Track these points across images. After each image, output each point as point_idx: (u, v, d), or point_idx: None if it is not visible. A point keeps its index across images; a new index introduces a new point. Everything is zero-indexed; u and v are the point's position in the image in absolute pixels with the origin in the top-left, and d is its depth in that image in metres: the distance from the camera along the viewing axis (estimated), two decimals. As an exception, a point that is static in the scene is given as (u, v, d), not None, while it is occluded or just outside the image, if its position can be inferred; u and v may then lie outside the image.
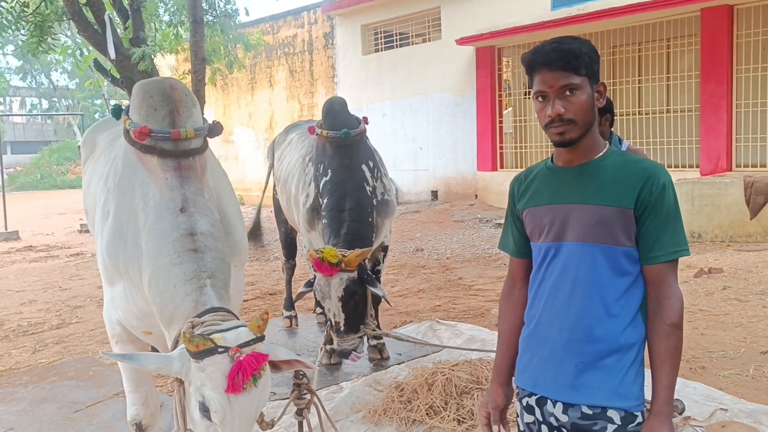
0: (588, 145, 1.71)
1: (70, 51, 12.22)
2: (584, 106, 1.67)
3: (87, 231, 14.32)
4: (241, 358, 2.04)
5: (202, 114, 2.97)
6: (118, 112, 2.88)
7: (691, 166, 10.57)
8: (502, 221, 6.56)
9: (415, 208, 13.67)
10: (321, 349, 4.65)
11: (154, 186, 2.60)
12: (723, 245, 8.33)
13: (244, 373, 2.02)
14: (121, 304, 2.75)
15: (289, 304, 5.89)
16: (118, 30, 9.50)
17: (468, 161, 13.64)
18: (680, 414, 3.57)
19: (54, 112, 42.75)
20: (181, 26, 11.88)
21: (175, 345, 2.28)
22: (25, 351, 5.57)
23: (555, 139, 1.69)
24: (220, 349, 2.04)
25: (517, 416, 1.86)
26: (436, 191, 14.41)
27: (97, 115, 44.35)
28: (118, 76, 10.45)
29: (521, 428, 1.84)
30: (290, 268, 5.95)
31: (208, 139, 2.86)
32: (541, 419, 1.76)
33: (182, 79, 14.49)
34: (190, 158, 2.67)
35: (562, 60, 1.66)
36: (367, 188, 4.38)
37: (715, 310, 5.58)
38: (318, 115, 4.68)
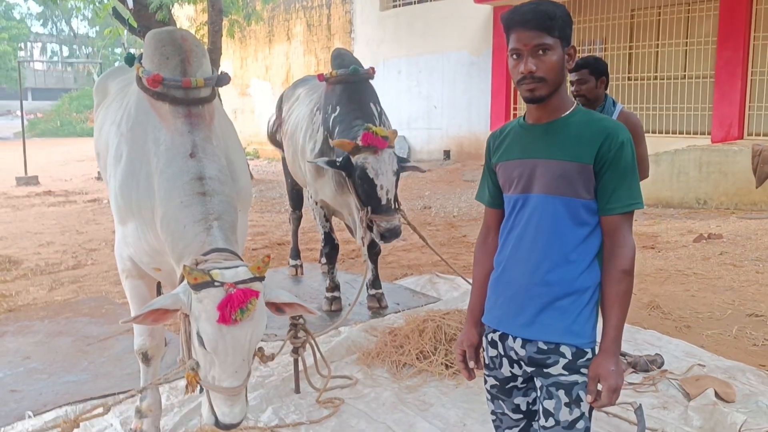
0: (556, 103, 1.84)
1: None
2: (555, 66, 1.79)
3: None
4: (233, 293, 2.21)
5: (219, 65, 3.11)
6: (131, 59, 3.03)
7: (702, 133, 10.55)
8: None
9: (427, 166, 13.76)
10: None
11: (166, 131, 2.76)
12: (728, 212, 8.41)
13: (232, 305, 2.18)
14: (132, 242, 2.94)
15: (295, 254, 6.10)
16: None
17: (482, 121, 13.66)
18: (659, 368, 3.75)
19: (74, 60, 42.85)
20: (199, -24, 11.90)
21: (181, 280, 2.48)
22: (42, 288, 5.84)
23: (525, 95, 1.82)
24: (216, 283, 2.21)
25: (483, 350, 2.04)
26: (449, 150, 14.48)
27: (117, 64, 44.40)
28: (136, 25, 10.56)
29: (486, 361, 2.02)
30: (296, 219, 6.13)
31: (217, 88, 3.01)
32: (502, 353, 1.94)
33: (199, 30, 14.55)
34: (199, 106, 2.82)
35: (538, 20, 1.77)
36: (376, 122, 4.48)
37: (709, 273, 5.71)
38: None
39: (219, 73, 3.02)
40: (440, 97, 14.44)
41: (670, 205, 8.80)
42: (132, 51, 3.19)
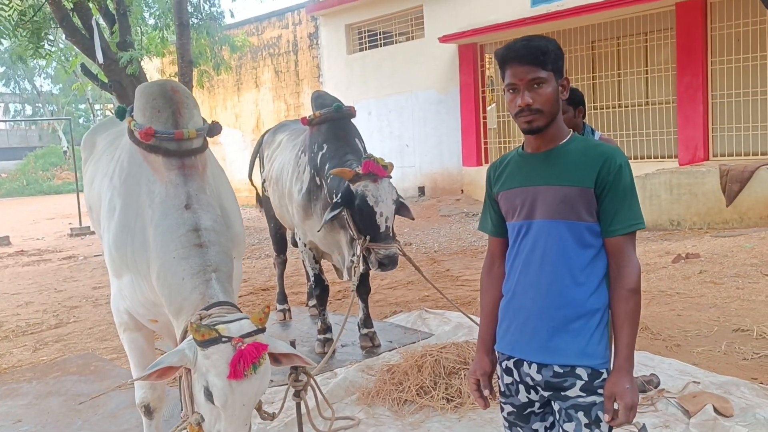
0: (553, 132, 1.92)
1: (55, 56, 12.31)
2: (550, 98, 1.87)
3: (77, 235, 14.42)
4: (243, 348, 2.23)
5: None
6: (122, 113, 3.06)
7: (669, 157, 10.84)
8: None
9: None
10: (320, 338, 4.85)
11: (160, 184, 2.78)
12: (701, 232, 8.60)
13: (245, 360, 2.19)
14: (128, 294, 2.93)
15: (282, 298, 6.08)
16: (105, 35, 9.63)
17: (453, 157, 13.86)
18: (656, 387, 3.80)
19: (39, 117, 42.54)
20: (167, 29, 11.99)
21: (184, 335, 2.47)
22: (26, 350, 5.72)
23: (524, 127, 1.89)
24: (224, 339, 2.22)
25: (498, 378, 2.06)
26: (423, 187, 14.63)
27: (81, 120, 44.20)
28: (106, 80, 10.57)
29: (501, 389, 2.04)
30: (281, 263, 6.13)
31: (207, 138, 3.04)
32: (518, 379, 1.97)
33: (169, 81, 14.60)
34: (192, 157, 2.85)
35: (531, 56, 1.86)
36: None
37: (692, 292, 5.82)
38: (305, 114, 4.88)
39: (210, 123, 3.06)
40: (411, 136, 14.65)
41: (645, 228, 8.96)
42: (121, 105, 3.23)
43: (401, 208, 4.37)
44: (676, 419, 3.41)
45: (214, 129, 3.07)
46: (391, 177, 4.23)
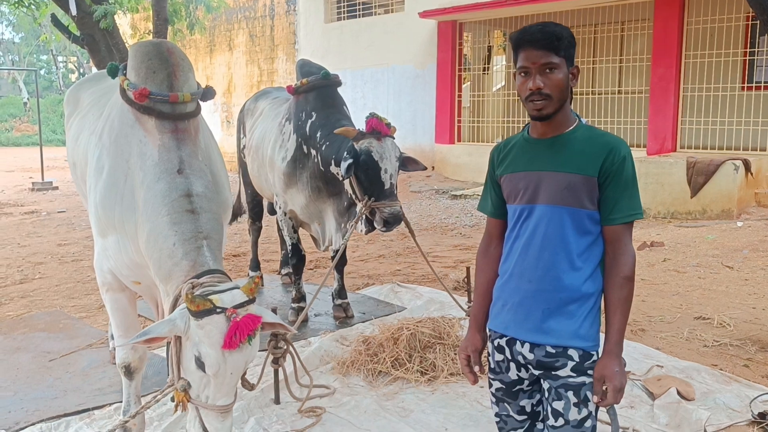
0: (560, 119, 1.96)
1: (25, 3, 11.91)
2: (560, 84, 1.91)
3: (39, 190, 14.09)
4: (238, 319, 2.24)
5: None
6: (114, 70, 3.00)
7: (639, 146, 11.04)
8: (458, 193, 6.97)
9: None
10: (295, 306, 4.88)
11: (152, 146, 2.75)
12: (665, 221, 8.83)
13: (241, 332, 2.22)
14: (113, 255, 2.91)
15: (255, 265, 6.08)
16: (80, -14, 9.34)
17: (426, 133, 13.87)
18: (621, 370, 3.93)
19: (5, 67, 41.11)
20: (143, -16, 11.70)
21: (175, 303, 2.48)
22: (-10, 304, 5.63)
23: (533, 113, 1.93)
24: (218, 310, 2.24)
25: (488, 355, 2.13)
26: (394, 161, 14.61)
27: (43, 71, 42.90)
28: (77, 33, 10.29)
29: (491, 366, 2.11)
30: (256, 230, 6.11)
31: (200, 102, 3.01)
32: (510, 357, 2.03)
33: (143, 39, 14.24)
34: (185, 121, 2.82)
35: (546, 40, 1.89)
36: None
37: (656, 279, 6.00)
38: (278, 82, 4.82)
39: (204, 87, 3.03)
40: (385, 109, 14.58)
41: (643, 218, 9.16)
42: (113, 62, 3.16)
43: (409, 162, 4.37)
44: (641, 401, 3.55)
45: (208, 93, 3.05)
46: (394, 137, 4.22)
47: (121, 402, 3.19)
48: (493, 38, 14.58)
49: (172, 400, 2.50)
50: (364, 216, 4.17)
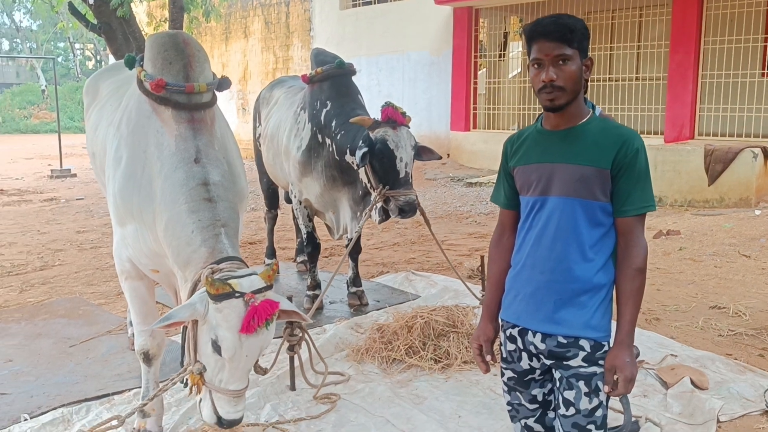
0: (573, 111, 1.96)
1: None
2: (573, 76, 1.92)
3: (58, 177, 14.25)
4: (256, 304, 2.29)
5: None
6: (131, 62, 3.04)
7: (656, 133, 10.95)
8: (474, 181, 6.96)
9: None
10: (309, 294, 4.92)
11: (168, 136, 2.79)
12: (681, 209, 8.77)
13: (258, 317, 2.28)
14: (132, 243, 2.96)
15: (271, 253, 6.13)
16: (97, -26, 9.41)
17: (442, 121, 13.84)
18: (635, 358, 3.94)
19: (21, 54, 41.39)
20: (159, -28, 11.75)
21: (194, 288, 2.53)
22: (11, 290, 5.73)
23: (546, 104, 1.94)
24: (236, 294, 2.29)
25: (500, 345, 2.15)
26: (409, 149, 14.59)
27: (60, 59, 43.15)
28: (95, 21, 10.37)
29: (503, 355, 2.13)
30: (272, 218, 6.16)
31: (216, 92, 3.05)
32: (521, 347, 2.05)
33: (159, 27, 14.33)
34: (201, 111, 2.86)
35: (559, 32, 1.90)
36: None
37: (671, 268, 5.98)
38: (293, 69, 4.83)
39: (220, 77, 3.06)
40: (401, 96, 14.55)
41: (655, 210, 9.11)
42: (130, 53, 3.20)
43: (424, 152, 4.39)
44: (654, 389, 3.56)
45: (224, 84, 3.08)
46: (409, 127, 4.23)
47: (140, 387, 3.25)
48: (509, 24, 14.48)
49: (185, 385, 2.57)
50: (379, 205, 4.19)
